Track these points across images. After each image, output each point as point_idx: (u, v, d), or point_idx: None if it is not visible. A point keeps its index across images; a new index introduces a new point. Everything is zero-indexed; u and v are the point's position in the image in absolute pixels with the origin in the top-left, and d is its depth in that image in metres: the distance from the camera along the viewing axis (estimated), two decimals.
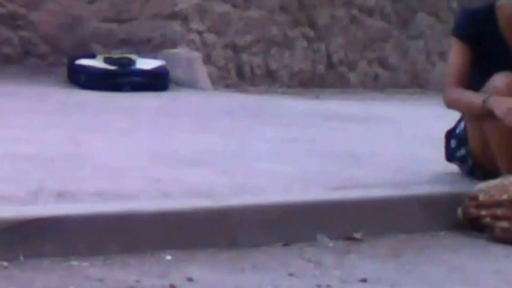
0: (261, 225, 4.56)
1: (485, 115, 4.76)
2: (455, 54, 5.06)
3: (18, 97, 7.93)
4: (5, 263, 3.91)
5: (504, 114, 4.56)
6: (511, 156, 4.83)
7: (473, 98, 4.88)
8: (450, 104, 4.99)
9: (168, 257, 4.20)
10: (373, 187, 5.04)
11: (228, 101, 8.57)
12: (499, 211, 4.76)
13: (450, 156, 5.26)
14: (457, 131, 5.10)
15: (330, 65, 12.07)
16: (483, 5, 5.33)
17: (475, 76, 4.98)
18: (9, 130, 6.29)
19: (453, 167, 5.38)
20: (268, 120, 7.25)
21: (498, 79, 4.66)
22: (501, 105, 4.60)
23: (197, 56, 9.74)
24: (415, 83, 13.43)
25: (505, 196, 4.74)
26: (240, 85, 10.31)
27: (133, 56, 9.22)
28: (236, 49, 10.63)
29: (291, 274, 4.05)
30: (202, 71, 9.63)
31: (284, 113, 7.90)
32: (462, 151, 5.09)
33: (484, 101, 4.71)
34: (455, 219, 4.96)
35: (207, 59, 10.00)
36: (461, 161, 5.20)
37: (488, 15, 4.90)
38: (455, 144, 5.14)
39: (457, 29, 5.07)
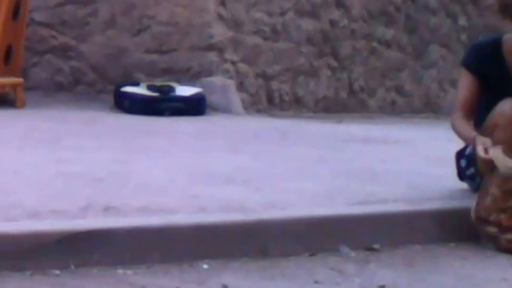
0: (289, 237, 4.57)
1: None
2: (463, 84, 5.11)
3: (69, 121, 7.95)
4: (57, 271, 3.94)
5: (479, 156, 4.62)
6: None
7: (467, 132, 4.95)
8: (453, 130, 5.04)
9: (205, 266, 4.22)
10: (390, 202, 5.03)
11: (259, 124, 8.57)
12: (502, 216, 4.76)
13: (460, 174, 5.27)
14: (466, 152, 5.09)
15: (351, 92, 12.05)
16: (491, 38, 5.32)
17: (485, 103, 5.00)
18: (61, 151, 6.32)
19: (463, 185, 5.37)
20: (295, 142, 7.25)
21: (506, 103, 4.66)
22: (479, 147, 4.65)
23: (231, 83, 9.74)
24: (428, 108, 13.38)
25: (510, 203, 4.77)
26: (270, 110, 10.31)
27: (173, 84, 9.23)
28: (266, 77, 10.62)
29: (316, 282, 4.08)
30: (235, 97, 9.63)
31: (310, 136, 7.89)
32: (471, 170, 5.08)
33: (473, 139, 4.78)
34: (465, 231, 4.97)
35: (240, 87, 10.01)
36: (470, 179, 5.20)
37: (495, 49, 4.90)
38: (465, 164, 5.13)
39: (466, 61, 5.07)
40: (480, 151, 4.61)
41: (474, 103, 5.01)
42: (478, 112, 5.04)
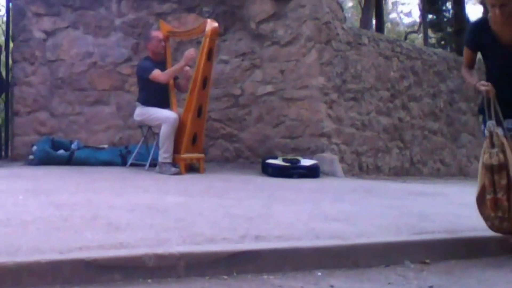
0: (371, 254, 4.55)
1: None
2: (464, 53, 5.01)
3: (232, 181, 8.01)
4: (225, 277, 4.02)
5: (480, 89, 4.60)
6: None
7: (470, 79, 4.87)
8: (463, 76, 5.05)
9: (319, 273, 4.22)
10: (436, 233, 4.98)
11: (353, 184, 8.52)
12: (499, 196, 4.52)
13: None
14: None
15: (411, 163, 11.97)
16: (480, 18, 5.25)
17: (486, 64, 4.94)
18: (227, 200, 6.35)
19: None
20: (376, 194, 7.18)
21: None
22: (478, 85, 4.64)
23: (336, 158, 9.72)
24: (461, 173, 13.22)
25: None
26: (360, 174, 10.26)
27: (299, 158, 9.23)
28: (357, 153, 10.59)
29: (389, 283, 4.08)
30: (338, 167, 9.60)
31: (385, 191, 7.82)
32: None
33: (475, 84, 4.70)
34: (488, 251, 4.90)
35: (341, 160, 9.98)
36: None
37: (484, 24, 4.79)
38: None
39: (465, 40, 5.00)
40: (480, 86, 4.58)
41: (472, 63, 4.94)
42: (486, 71, 4.94)
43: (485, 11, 18.14)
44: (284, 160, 9.16)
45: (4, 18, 10.98)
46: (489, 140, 4.50)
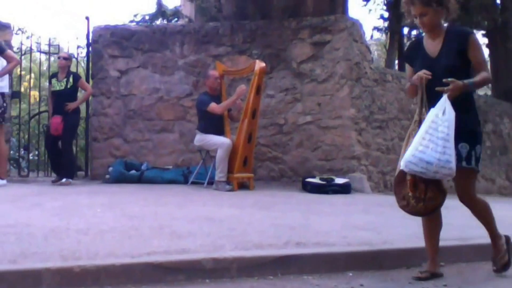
0: (394, 258, 4.55)
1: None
2: (406, 69, 4.52)
3: (277, 197, 8.00)
4: (271, 277, 4.07)
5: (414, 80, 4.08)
6: None
7: (407, 85, 4.30)
8: (406, 88, 4.38)
9: (350, 274, 4.23)
10: (449, 240, 4.94)
11: (380, 199, 8.44)
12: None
13: None
14: None
15: None
16: (417, 38, 4.69)
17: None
18: (273, 212, 6.36)
19: None
20: (399, 208, 7.14)
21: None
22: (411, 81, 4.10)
23: (364, 177, 9.68)
24: None
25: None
26: (385, 191, 10.18)
27: (334, 177, 9.18)
28: (383, 173, 10.53)
29: (410, 283, 4.08)
30: (366, 184, 9.56)
31: None
32: None
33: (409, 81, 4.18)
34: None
35: (369, 178, 9.95)
36: None
37: (420, 42, 4.29)
38: None
39: (404, 57, 4.53)
40: (414, 77, 4.09)
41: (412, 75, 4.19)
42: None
43: (490, 45, 17.82)
44: (320, 179, 9.13)
45: (85, 60, 11.13)
46: (417, 124, 4.09)
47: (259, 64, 9.07)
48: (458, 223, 5.74)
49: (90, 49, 10.82)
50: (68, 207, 6.28)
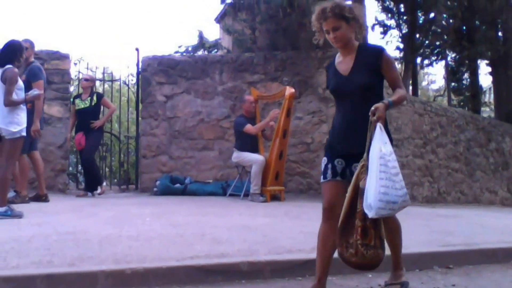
0: (408, 261, 4.53)
1: None
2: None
3: (305, 207, 7.94)
4: (300, 278, 4.06)
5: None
6: None
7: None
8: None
9: (370, 275, 4.34)
10: (457, 245, 4.94)
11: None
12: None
13: None
14: None
15: (439, 193, 11.82)
16: (333, 59, 3.95)
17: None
18: (302, 221, 6.33)
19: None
20: (413, 217, 6.98)
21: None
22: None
23: None
24: (475, 201, 12.84)
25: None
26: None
27: None
28: None
29: (422, 283, 4.11)
30: None
31: (419, 214, 7.60)
32: None
33: None
34: (499, 259, 4.86)
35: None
36: None
37: (331, 62, 3.84)
38: None
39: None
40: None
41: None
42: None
43: (493, 73, 17.93)
44: None
45: (135, 86, 11.26)
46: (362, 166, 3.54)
47: (289, 90, 9.11)
48: (465, 230, 5.72)
49: (140, 76, 10.90)
50: (120, 216, 6.32)
